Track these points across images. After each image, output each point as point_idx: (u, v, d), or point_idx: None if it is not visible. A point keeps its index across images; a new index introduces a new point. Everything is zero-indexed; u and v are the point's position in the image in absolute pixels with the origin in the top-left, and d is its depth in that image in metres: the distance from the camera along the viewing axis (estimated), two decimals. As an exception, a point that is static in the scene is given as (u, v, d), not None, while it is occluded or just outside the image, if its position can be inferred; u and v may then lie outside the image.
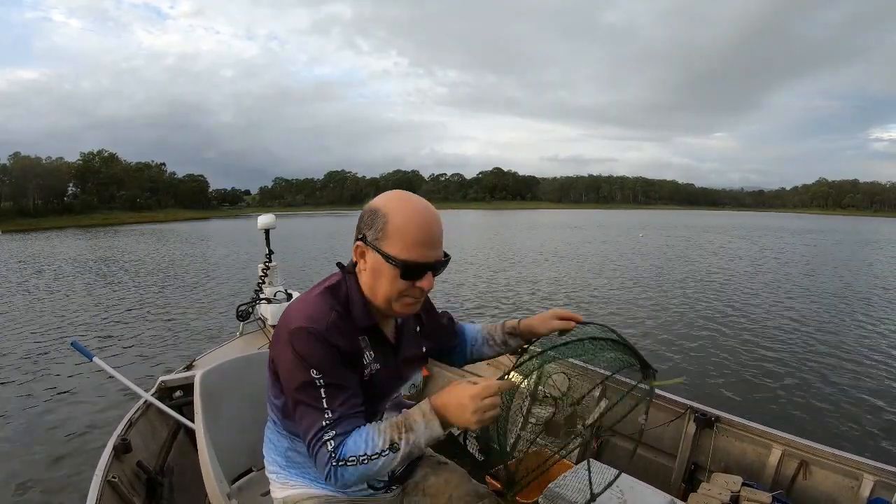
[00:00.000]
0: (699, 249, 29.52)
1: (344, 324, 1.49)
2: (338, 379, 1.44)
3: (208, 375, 2.21)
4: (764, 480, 2.74)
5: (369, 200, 1.50)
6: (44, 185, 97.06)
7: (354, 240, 1.52)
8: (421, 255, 1.46)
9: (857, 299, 14.00)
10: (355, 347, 1.52)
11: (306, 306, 1.50)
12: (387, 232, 1.44)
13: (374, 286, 1.51)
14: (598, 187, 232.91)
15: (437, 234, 1.50)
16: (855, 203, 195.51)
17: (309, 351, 1.41)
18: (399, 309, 1.54)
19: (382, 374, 1.61)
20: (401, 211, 1.45)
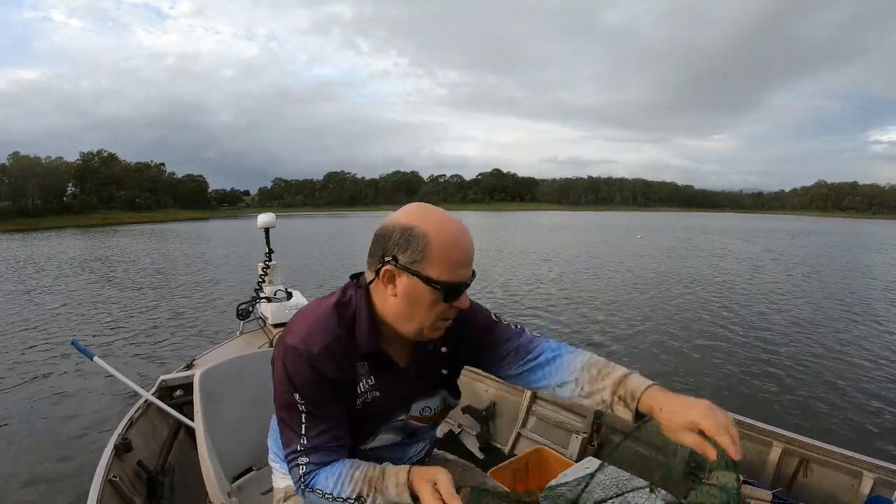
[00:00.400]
0: (698, 251, 29.55)
1: (341, 350, 1.41)
2: (320, 408, 1.40)
3: (208, 375, 2.22)
4: (764, 478, 2.74)
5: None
6: (43, 185, 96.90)
7: (377, 260, 1.39)
8: (462, 275, 1.37)
9: (857, 300, 14.03)
10: (348, 376, 1.44)
11: (308, 322, 1.43)
12: (428, 253, 1.32)
13: (409, 313, 1.39)
14: (598, 189, 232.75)
15: (472, 251, 1.42)
16: (854, 205, 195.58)
17: (296, 373, 1.37)
18: (430, 334, 1.44)
19: (382, 401, 1.52)
20: (440, 231, 1.34)
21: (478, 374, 4.32)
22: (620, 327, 10.62)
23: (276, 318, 4.68)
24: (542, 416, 3.88)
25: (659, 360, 8.46)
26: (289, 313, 4.71)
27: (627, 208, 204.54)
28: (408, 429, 1.62)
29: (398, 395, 1.55)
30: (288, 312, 4.71)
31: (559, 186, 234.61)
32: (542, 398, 3.93)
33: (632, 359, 8.50)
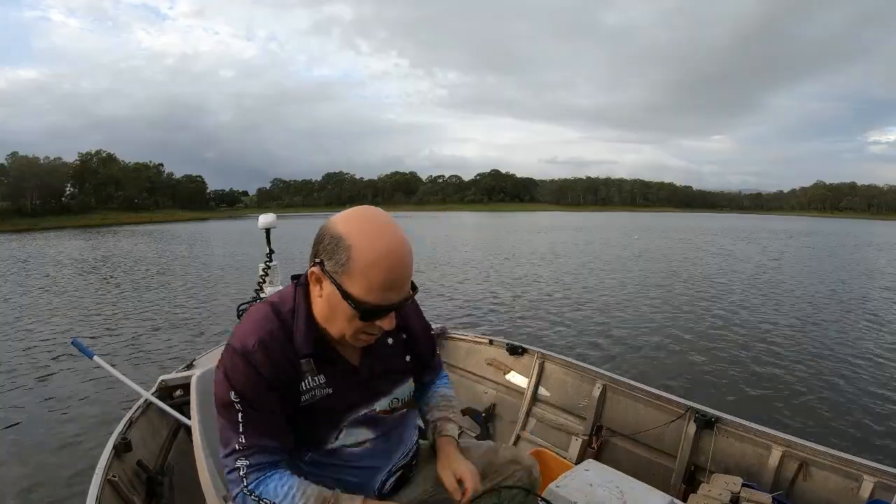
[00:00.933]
0: (697, 251, 29.49)
1: (277, 347, 1.39)
2: (257, 405, 1.37)
3: (205, 377, 2.22)
4: (764, 481, 2.74)
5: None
6: (42, 186, 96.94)
7: (310, 260, 1.39)
8: (385, 298, 1.33)
9: (856, 301, 14.00)
10: (286, 374, 1.41)
11: (246, 323, 1.43)
12: (349, 268, 1.30)
13: (329, 318, 1.40)
14: (597, 189, 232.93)
15: (406, 275, 1.36)
16: (852, 206, 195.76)
17: (232, 372, 1.36)
18: (353, 342, 1.43)
19: (335, 398, 1.49)
20: (368, 247, 1.29)
21: (477, 376, 4.33)
22: (619, 328, 10.62)
23: None
24: (541, 418, 3.88)
25: (658, 360, 8.46)
26: None
27: (626, 209, 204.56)
28: (378, 423, 1.60)
29: (355, 391, 1.54)
30: None
31: (558, 187, 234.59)
32: (543, 400, 3.93)
33: (629, 358, 8.51)
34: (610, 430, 3.53)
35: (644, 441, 3.34)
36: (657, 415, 3.27)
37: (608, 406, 3.56)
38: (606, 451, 3.49)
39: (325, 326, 1.42)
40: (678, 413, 3.17)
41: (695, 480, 3.03)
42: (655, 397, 3.31)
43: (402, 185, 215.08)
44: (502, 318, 11.46)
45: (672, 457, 3.17)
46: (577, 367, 3.78)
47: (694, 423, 3.07)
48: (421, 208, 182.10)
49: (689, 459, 3.08)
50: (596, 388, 3.58)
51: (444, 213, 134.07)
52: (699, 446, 3.07)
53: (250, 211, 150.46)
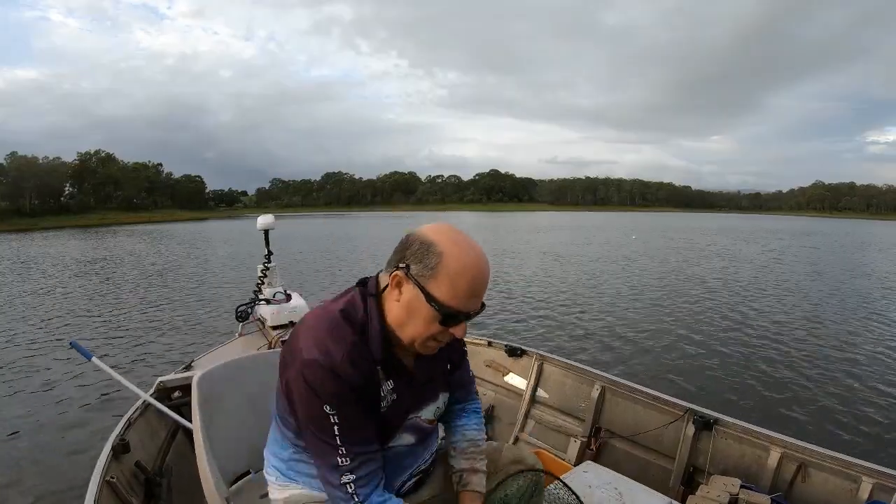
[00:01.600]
0: (695, 251, 29.50)
1: (359, 356, 1.40)
2: (352, 414, 1.39)
3: (205, 378, 2.21)
4: (763, 483, 2.74)
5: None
6: (41, 185, 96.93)
7: (392, 265, 1.44)
8: (466, 305, 1.38)
9: (856, 301, 14.01)
10: (371, 381, 1.44)
11: (318, 334, 1.41)
12: (437, 272, 1.35)
13: (405, 322, 1.42)
14: (596, 189, 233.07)
15: (485, 287, 1.43)
16: (851, 206, 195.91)
17: (321, 385, 1.35)
18: (420, 349, 1.46)
19: (399, 403, 1.54)
20: (458, 254, 1.36)
21: (476, 378, 4.33)
22: (617, 330, 10.62)
23: (276, 319, 4.69)
24: (540, 420, 3.88)
25: (658, 361, 8.46)
26: (288, 315, 4.72)
27: (625, 209, 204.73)
28: (421, 430, 1.65)
29: (412, 396, 1.58)
30: (287, 314, 4.72)
31: (557, 187, 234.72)
32: (541, 402, 3.93)
33: (628, 359, 8.52)
34: (609, 431, 3.53)
35: (643, 442, 3.34)
36: (656, 416, 3.27)
37: (607, 408, 3.56)
38: (605, 453, 3.49)
39: (397, 332, 1.45)
40: (677, 414, 3.17)
41: (693, 482, 3.03)
42: (654, 399, 3.31)
43: (402, 184, 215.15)
44: (501, 319, 11.46)
45: (671, 458, 3.17)
46: (575, 369, 3.78)
47: (693, 424, 3.07)
48: (420, 208, 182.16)
49: (687, 461, 3.08)
50: (595, 389, 3.58)
51: (442, 214, 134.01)
52: (698, 448, 3.07)
53: (249, 211, 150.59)
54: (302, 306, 4.83)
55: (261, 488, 2.23)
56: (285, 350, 1.49)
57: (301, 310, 4.80)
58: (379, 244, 32.76)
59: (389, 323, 1.45)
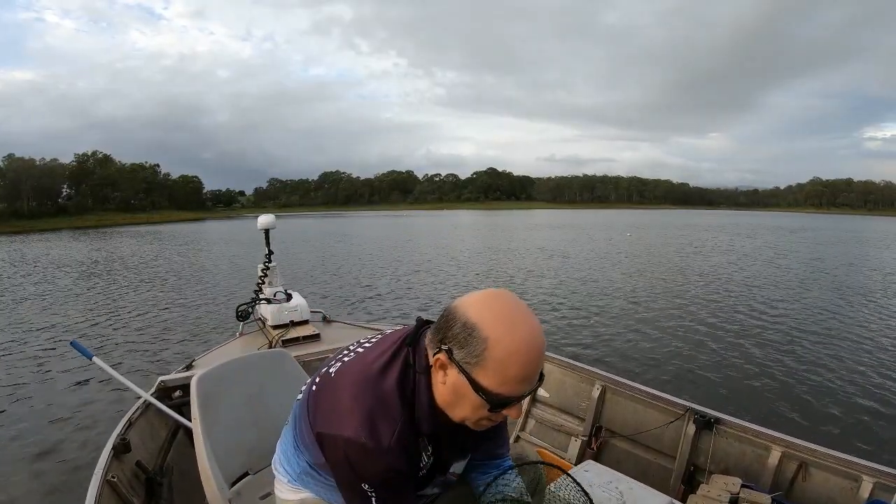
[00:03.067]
0: (692, 248, 29.51)
1: (410, 437, 1.34)
2: (392, 492, 1.34)
3: (206, 377, 2.22)
4: (763, 482, 2.74)
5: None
6: (38, 187, 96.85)
7: (434, 343, 1.33)
8: (517, 390, 1.26)
9: (855, 300, 13.99)
10: (415, 460, 1.40)
11: (365, 406, 1.32)
12: (484, 361, 1.22)
13: (452, 404, 1.34)
14: (593, 187, 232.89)
15: (539, 367, 1.28)
16: (849, 202, 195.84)
17: (364, 467, 1.29)
18: (473, 427, 1.38)
19: (435, 465, 1.49)
20: (505, 340, 1.21)
21: None
22: (616, 329, 10.63)
23: (276, 319, 4.69)
24: (541, 419, 3.88)
25: (658, 361, 8.46)
26: (289, 314, 4.72)
27: (623, 206, 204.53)
28: (445, 483, 1.62)
29: (447, 457, 1.54)
30: (288, 314, 4.72)
31: (555, 185, 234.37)
32: (542, 402, 3.94)
33: (625, 357, 8.53)
34: (609, 430, 3.54)
35: (643, 442, 3.34)
36: (656, 415, 3.28)
37: (607, 407, 3.56)
38: (606, 452, 3.50)
39: (446, 411, 1.37)
40: (677, 414, 3.17)
41: (694, 481, 3.03)
42: (655, 398, 3.31)
43: (399, 183, 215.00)
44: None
45: (671, 457, 3.17)
46: (576, 368, 3.78)
47: (693, 423, 3.07)
48: (417, 207, 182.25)
49: (688, 460, 3.08)
50: (595, 388, 3.59)
51: (440, 212, 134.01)
52: (698, 447, 3.07)
53: (247, 211, 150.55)
54: (302, 305, 4.83)
55: (261, 488, 2.24)
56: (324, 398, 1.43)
57: (301, 309, 4.81)
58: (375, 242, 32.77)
59: (437, 401, 1.37)
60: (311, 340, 4.47)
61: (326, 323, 5.16)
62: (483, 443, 1.66)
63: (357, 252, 28.04)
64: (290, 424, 1.61)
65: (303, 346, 4.33)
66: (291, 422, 1.60)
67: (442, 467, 1.54)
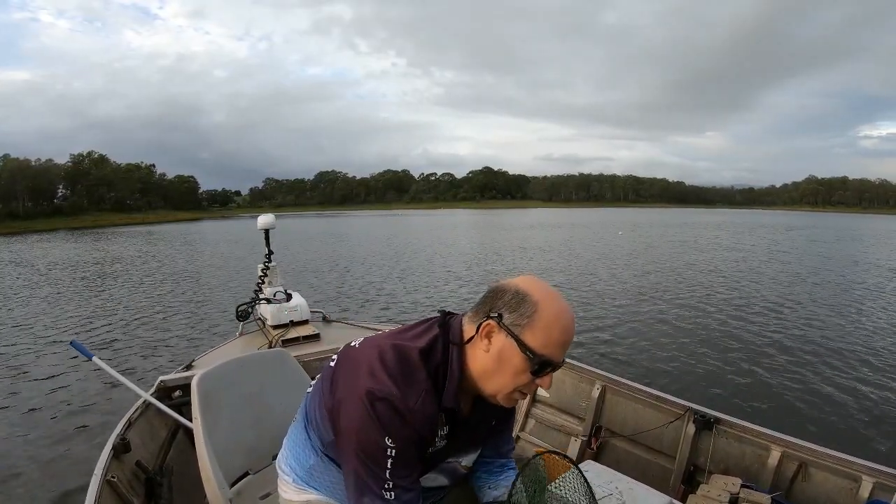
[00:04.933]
0: (691, 248, 29.54)
1: (431, 405, 1.38)
2: (408, 453, 1.37)
3: (206, 377, 2.22)
4: (763, 482, 2.75)
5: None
6: (33, 188, 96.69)
7: (480, 314, 1.41)
8: (557, 354, 1.36)
9: (855, 299, 14.04)
10: (433, 429, 1.43)
11: (394, 368, 1.37)
12: (533, 322, 1.34)
13: (492, 372, 1.40)
14: (589, 186, 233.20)
15: (572, 338, 1.42)
16: (844, 200, 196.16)
17: (389, 421, 1.32)
18: (503, 401, 1.45)
19: (447, 448, 1.53)
20: (553, 305, 1.36)
21: None
22: (615, 330, 10.64)
23: (276, 319, 4.69)
24: (541, 419, 3.89)
25: (658, 361, 8.47)
26: (289, 314, 4.72)
27: (618, 205, 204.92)
28: (455, 474, 1.65)
29: (460, 443, 1.58)
30: (288, 313, 4.72)
31: (550, 184, 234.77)
32: (542, 401, 3.94)
33: (625, 356, 8.54)
34: (609, 430, 3.54)
35: (643, 442, 3.35)
36: (656, 415, 3.28)
37: (607, 407, 3.57)
38: (606, 452, 3.50)
39: (479, 382, 1.43)
40: (677, 414, 3.18)
41: (694, 481, 3.04)
42: (655, 398, 3.32)
43: (395, 183, 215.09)
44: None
45: (671, 457, 3.18)
46: (576, 368, 3.78)
47: (693, 423, 3.08)
48: (413, 206, 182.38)
49: (688, 460, 3.09)
50: (595, 388, 3.59)
51: (436, 212, 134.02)
52: (698, 447, 3.08)
53: (242, 211, 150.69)
54: (302, 305, 4.82)
55: (261, 488, 2.24)
56: (345, 366, 1.46)
57: (301, 309, 4.81)
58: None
59: (472, 373, 1.43)
60: (311, 340, 4.47)
61: (326, 323, 5.15)
62: (492, 437, 1.72)
63: (357, 252, 28.07)
64: (299, 417, 1.63)
65: (303, 345, 4.33)
66: (301, 413, 1.63)
67: (451, 453, 1.57)
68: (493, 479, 1.77)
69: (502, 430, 1.76)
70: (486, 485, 1.76)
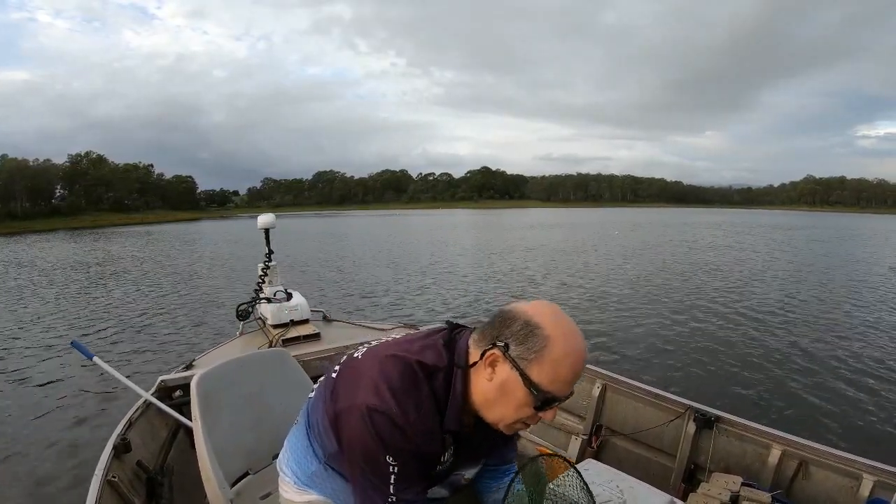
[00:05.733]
0: (691, 248, 29.55)
1: (432, 424, 1.35)
2: (411, 467, 1.35)
3: (206, 377, 2.22)
4: (763, 480, 2.76)
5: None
6: (31, 188, 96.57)
7: (486, 340, 1.35)
8: (562, 391, 1.31)
9: (855, 298, 14.06)
10: (438, 449, 1.41)
11: (395, 383, 1.34)
12: (542, 357, 1.27)
13: (494, 402, 1.36)
14: (587, 186, 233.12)
15: (581, 375, 1.35)
16: (842, 199, 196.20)
17: (389, 437, 1.30)
18: (505, 430, 1.41)
19: (451, 466, 1.52)
20: (563, 340, 1.28)
21: None
22: (615, 329, 10.64)
23: (276, 318, 4.68)
24: None
25: (658, 361, 8.47)
26: (289, 314, 4.72)
27: (617, 205, 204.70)
28: (455, 485, 1.66)
29: (464, 460, 1.57)
30: (288, 313, 4.72)
31: (549, 184, 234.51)
32: None
33: (625, 355, 8.54)
34: (609, 429, 3.54)
35: (644, 440, 3.35)
36: (657, 414, 3.29)
37: (608, 405, 3.57)
38: (606, 451, 3.51)
39: (481, 410, 1.39)
40: (678, 412, 3.18)
41: (694, 479, 3.04)
42: (655, 396, 3.32)
43: (393, 183, 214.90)
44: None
45: (672, 456, 3.18)
46: None
47: (693, 422, 3.08)
48: (412, 206, 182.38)
49: (688, 458, 3.09)
50: (595, 387, 3.59)
51: (435, 211, 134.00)
52: (699, 445, 3.08)
53: (241, 210, 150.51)
54: (303, 305, 4.82)
55: (261, 488, 2.24)
56: (346, 377, 1.45)
57: (302, 308, 4.81)
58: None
59: (474, 400, 1.39)
60: (312, 340, 4.46)
61: (327, 322, 5.15)
62: (496, 449, 1.69)
63: (357, 251, 28.11)
64: (301, 421, 1.62)
65: (303, 345, 4.32)
66: (302, 418, 1.61)
67: (455, 469, 1.56)
68: (497, 483, 1.73)
69: (507, 441, 1.73)
70: (490, 488, 1.73)
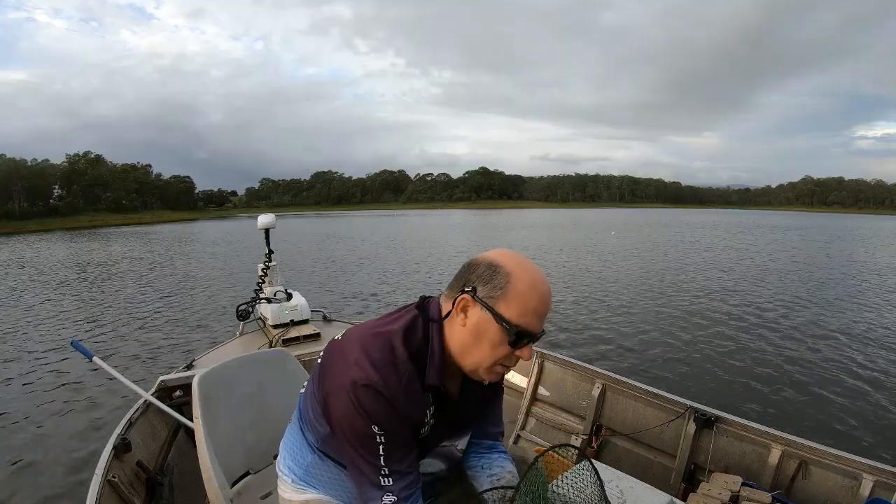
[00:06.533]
0: (688, 247, 29.56)
1: (414, 385, 1.39)
2: (398, 436, 1.38)
3: (206, 377, 2.23)
4: (763, 480, 2.76)
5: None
6: (29, 188, 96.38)
7: (455, 290, 1.42)
8: (534, 324, 1.36)
9: (855, 298, 14.06)
10: (420, 410, 1.43)
11: (374, 355, 1.37)
12: (507, 292, 1.34)
13: (470, 346, 1.40)
14: (585, 186, 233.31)
15: (549, 307, 1.41)
16: (840, 200, 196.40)
17: (373, 408, 1.33)
18: (485, 376, 1.44)
19: (437, 431, 1.53)
20: (525, 274, 1.36)
21: None
22: (615, 330, 10.64)
23: (276, 318, 4.68)
24: (541, 417, 3.89)
25: (658, 360, 8.47)
26: (289, 314, 4.72)
27: (615, 205, 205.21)
28: (452, 458, 1.68)
29: (451, 426, 1.58)
30: (288, 313, 4.72)
31: (546, 184, 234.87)
32: (542, 400, 3.95)
33: (628, 356, 8.54)
34: (609, 429, 3.55)
35: (644, 440, 3.36)
36: (657, 414, 3.29)
37: (608, 405, 3.57)
38: (606, 451, 3.51)
39: (459, 359, 1.43)
40: (678, 412, 3.18)
41: (695, 479, 3.04)
42: (655, 396, 3.32)
43: (391, 183, 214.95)
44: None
45: (672, 456, 3.18)
46: (576, 367, 3.79)
47: (693, 422, 3.08)
48: (410, 206, 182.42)
49: (688, 458, 3.10)
50: (595, 387, 3.60)
51: (432, 212, 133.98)
52: (699, 445, 3.08)
53: (239, 211, 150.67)
54: (303, 305, 4.82)
55: (261, 488, 2.24)
56: (330, 360, 1.47)
57: (302, 308, 4.81)
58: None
59: (452, 350, 1.43)
60: (312, 340, 4.47)
61: (327, 322, 5.15)
62: (480, 419, 1.73)
63: (357, 251, 28.05)
64: (294, 418, 1.65)
65: (303, 345, 4.33)
66: (295, 415, 1.64)
67: (444, 436, 1.59)
68: (484, 460, 1.76)
69: (490, 411, 1.77)
70: (478, 465, 1.75)
